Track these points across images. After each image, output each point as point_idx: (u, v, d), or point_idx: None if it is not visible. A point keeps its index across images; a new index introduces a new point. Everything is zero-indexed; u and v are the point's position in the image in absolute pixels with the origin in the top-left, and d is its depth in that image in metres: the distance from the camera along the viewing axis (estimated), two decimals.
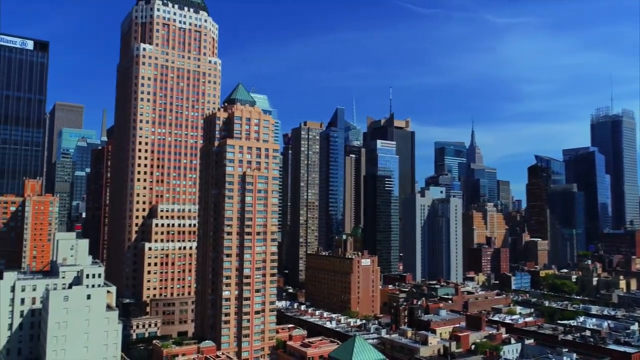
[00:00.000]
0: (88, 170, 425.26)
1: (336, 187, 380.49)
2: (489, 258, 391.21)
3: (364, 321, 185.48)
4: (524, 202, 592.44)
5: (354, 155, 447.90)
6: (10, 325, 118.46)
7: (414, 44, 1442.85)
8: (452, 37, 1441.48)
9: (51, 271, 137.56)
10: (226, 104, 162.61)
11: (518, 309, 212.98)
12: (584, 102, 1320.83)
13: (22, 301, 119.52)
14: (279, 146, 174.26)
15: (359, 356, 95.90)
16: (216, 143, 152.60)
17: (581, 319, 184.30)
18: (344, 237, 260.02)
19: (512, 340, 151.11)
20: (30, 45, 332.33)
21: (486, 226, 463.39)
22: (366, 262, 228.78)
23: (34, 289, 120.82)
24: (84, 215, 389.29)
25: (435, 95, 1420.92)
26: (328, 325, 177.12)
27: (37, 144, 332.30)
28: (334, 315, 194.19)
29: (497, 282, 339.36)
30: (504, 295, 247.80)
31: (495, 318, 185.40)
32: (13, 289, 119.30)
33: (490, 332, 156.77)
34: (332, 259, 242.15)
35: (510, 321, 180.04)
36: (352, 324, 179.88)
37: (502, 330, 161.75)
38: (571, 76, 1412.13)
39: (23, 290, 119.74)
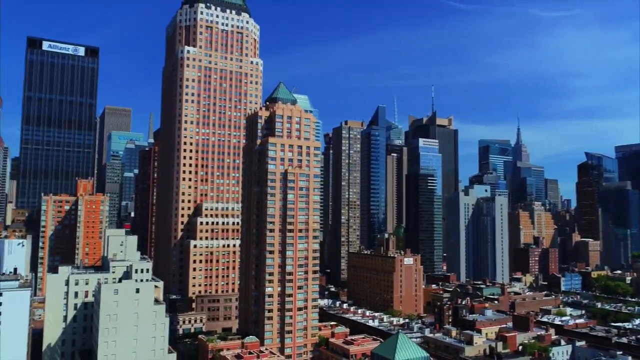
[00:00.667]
0: (136, 171, 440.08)
1: (378, 186, 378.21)
2: (536, 258, 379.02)
3: (407, 320, 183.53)
4: (574, 202, 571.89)
5: (395, 154, 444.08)
6: (65, 318, 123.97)
7: (455, 41, 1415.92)
8: (496, 33, 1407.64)
9: (102, 266, 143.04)
10: (268, 103, 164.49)
11: (568, 310, 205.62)
12: (638, 96, 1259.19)
13: (76, 294, 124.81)
14: (320, 144, 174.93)
15: (402, 353, 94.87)
16: (258, 141, 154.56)
17: (637, 321, 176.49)
18: (386, 235, 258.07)
19: (562, 342, 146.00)
20: (81, 51, 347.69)
21: (533, 226, 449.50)
22: (409, 260, 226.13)
23: (87, 283, 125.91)
24: (132, 214, 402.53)
25: (478, 93, 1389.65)
26: (370, 323, 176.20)
27: (88, 146, 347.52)
28: (376, 314, 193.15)
29: (545, 283, 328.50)
30: (553, 297, 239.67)
31: (544, 319, 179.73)
32: (67, 283, 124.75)
33: (539, 333, 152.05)
34: (374, 257, 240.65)
35: (560, 322, 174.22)
36: (394, 323, 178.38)
37: (552, 331, 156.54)
38: (625, 70, 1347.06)
39: (76, 284, 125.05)
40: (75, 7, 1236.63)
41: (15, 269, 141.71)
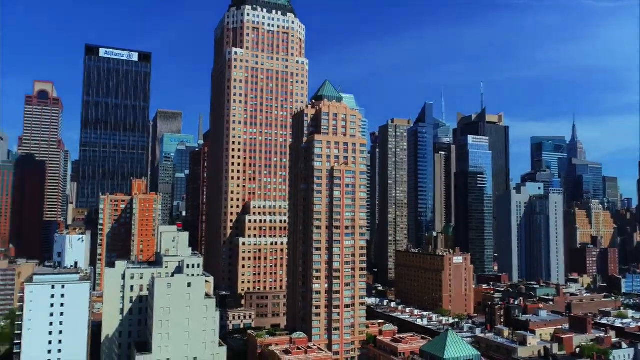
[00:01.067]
0: (187, 172, 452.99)
1: (425, 184, 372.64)
2: (594, 259, 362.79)
3: (456, 320, 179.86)
4: (635, 200, 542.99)
5: (443, 153, 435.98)
6: (122, 310, 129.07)
7: (505, 36, 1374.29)
8: (547, 26, 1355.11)
9: (156, 262, 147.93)
10: (314, 101, 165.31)
11: (630, 312, 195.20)
12: None
13: (132, 288, 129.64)
14: (366, 141, 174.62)
15: (452, 350, 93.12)
16: (304, 139, 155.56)
17: None
18: (435, 234, 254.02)
19: (624, 345, 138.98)
20: (135, 57, 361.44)
21: (591, 225, 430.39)
22: (458, 259, 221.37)
23: (142, 277, 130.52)
24: (184, 214, 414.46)
25: (530, 89, 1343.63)
26: (419, 322, 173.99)
27: (142, 148, 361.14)
28: (424, 313, 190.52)
29: (604, 284, 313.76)
30: (613, 298, 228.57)
31: (603, 321, 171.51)
32: (123, 277, 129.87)
33: (598, 336, 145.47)
34: (422, 256, 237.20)
35: (620, 325, 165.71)
36: (444, 322, 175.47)
37: (612, 334, 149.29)
38: None
39: (132, 278, 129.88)
40: (128, 15, 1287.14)
41: (76, 263, 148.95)
